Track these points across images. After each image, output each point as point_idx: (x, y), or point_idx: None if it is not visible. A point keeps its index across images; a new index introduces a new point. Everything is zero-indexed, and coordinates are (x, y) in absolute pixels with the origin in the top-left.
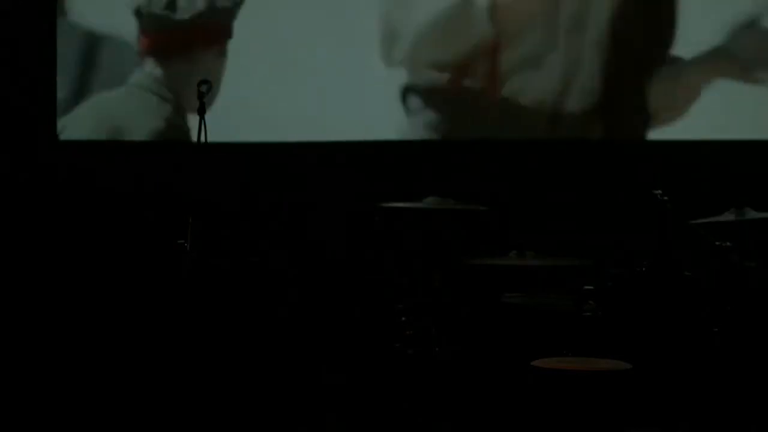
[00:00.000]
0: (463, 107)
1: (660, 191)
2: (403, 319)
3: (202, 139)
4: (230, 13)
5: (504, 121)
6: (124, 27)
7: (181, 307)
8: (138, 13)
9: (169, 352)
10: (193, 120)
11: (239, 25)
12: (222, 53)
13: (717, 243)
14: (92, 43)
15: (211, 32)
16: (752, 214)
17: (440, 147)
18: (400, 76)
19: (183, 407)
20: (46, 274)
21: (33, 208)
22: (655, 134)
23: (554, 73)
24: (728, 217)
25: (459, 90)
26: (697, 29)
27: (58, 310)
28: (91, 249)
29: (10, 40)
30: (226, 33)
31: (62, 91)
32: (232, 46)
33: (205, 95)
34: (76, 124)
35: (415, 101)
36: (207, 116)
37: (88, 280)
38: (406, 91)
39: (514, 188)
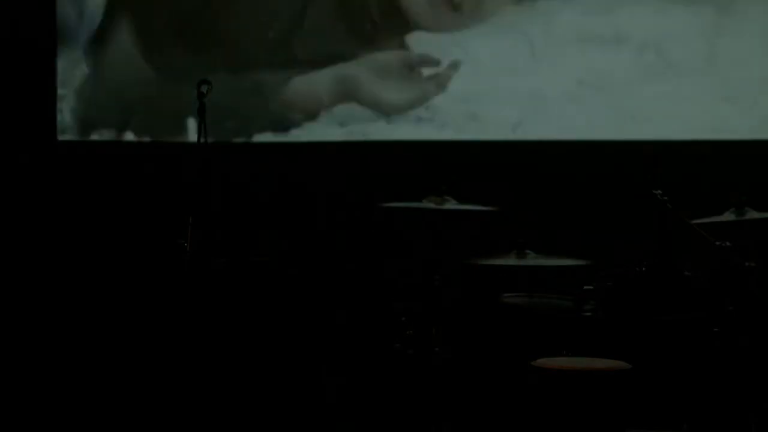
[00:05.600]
0: None
1: (660, 191)
2: (403, 319)
3: (202, 139)
4: None
5: None
6: None
7: (180, 306)
8: None
9: (170, 352)
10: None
11: None
12: None
13: (717, 243)
14: None
15: None
16: (752, 214)
17: (441, 147)
18: None
19: (183, 407)
20: (46, 274)
21: (33, 208)
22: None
23: None
24: (728, 217)
25: None
26: None
27: (58, 310)
28: (91, 249)
29: (10, 39)
30: None
31: None
32: None
33: (205, 95)
34: None
35: None
36: None
37: (88, 280)
38: None
39: (514, 188)
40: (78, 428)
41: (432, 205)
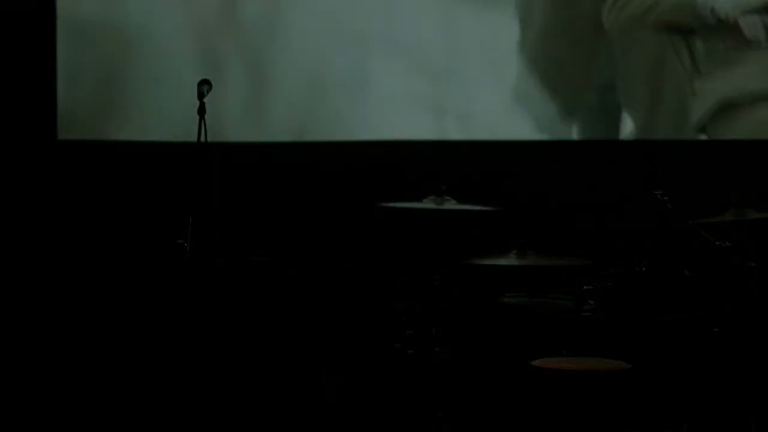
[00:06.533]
0: None
1: (660, 191)
2: (403, 319)
3: (202, 139)
4: None
5: None
6: None
7: (180, 306)
8: None
9: (170, 353)
10: None
11: None
12: None
13: (717, 243)
14: None
15: None
16: (752, 214)
17: (441, 147)
18: None
19: (183, 407)
20: (46, 274)
21: (33, 208)
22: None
23: None
24: (728, 217)
25: None
26: None
27: (57, 310)
28: (90, 249)
29: (10, 39)
30: None
31: None
32: None
33: (205, 95)
34: None
35: None
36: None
37: (88, 280)
38: None
39: (515, 188)
40: (78, 428)
41: (432, 205)
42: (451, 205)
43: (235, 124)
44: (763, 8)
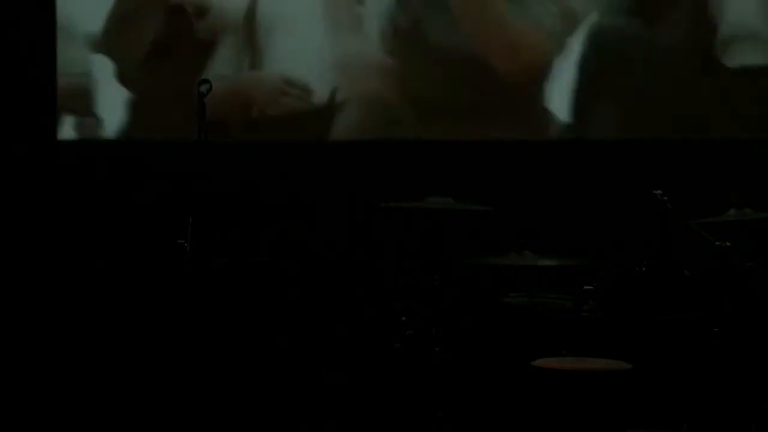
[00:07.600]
0: None
1: (660, 191)
2: (403, 319)
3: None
4: None
5: None
6: None
7: (180, 306)
8: None
9: (170, 353)
10: None
11: None
12: None
13: (717, 243)
14: None
15: None
16: (752, 214)
17: (441, 147)
18: None
19: (183, 407)
20: (46, 274)
21: (32, 208)
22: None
23: None
24: (728, 217)
25: None
26: None
27: (58, 310)
28: (90, 249)
29: (10, 39)
30: None
31: None
32: None
33: (205, 95)
34: None
35: None
36: None
37: (88, 280)
38: None
39: (514, 188)
40: (78, 428)
41: (432, 205)
42: (451, 205)
43: None
44: None
